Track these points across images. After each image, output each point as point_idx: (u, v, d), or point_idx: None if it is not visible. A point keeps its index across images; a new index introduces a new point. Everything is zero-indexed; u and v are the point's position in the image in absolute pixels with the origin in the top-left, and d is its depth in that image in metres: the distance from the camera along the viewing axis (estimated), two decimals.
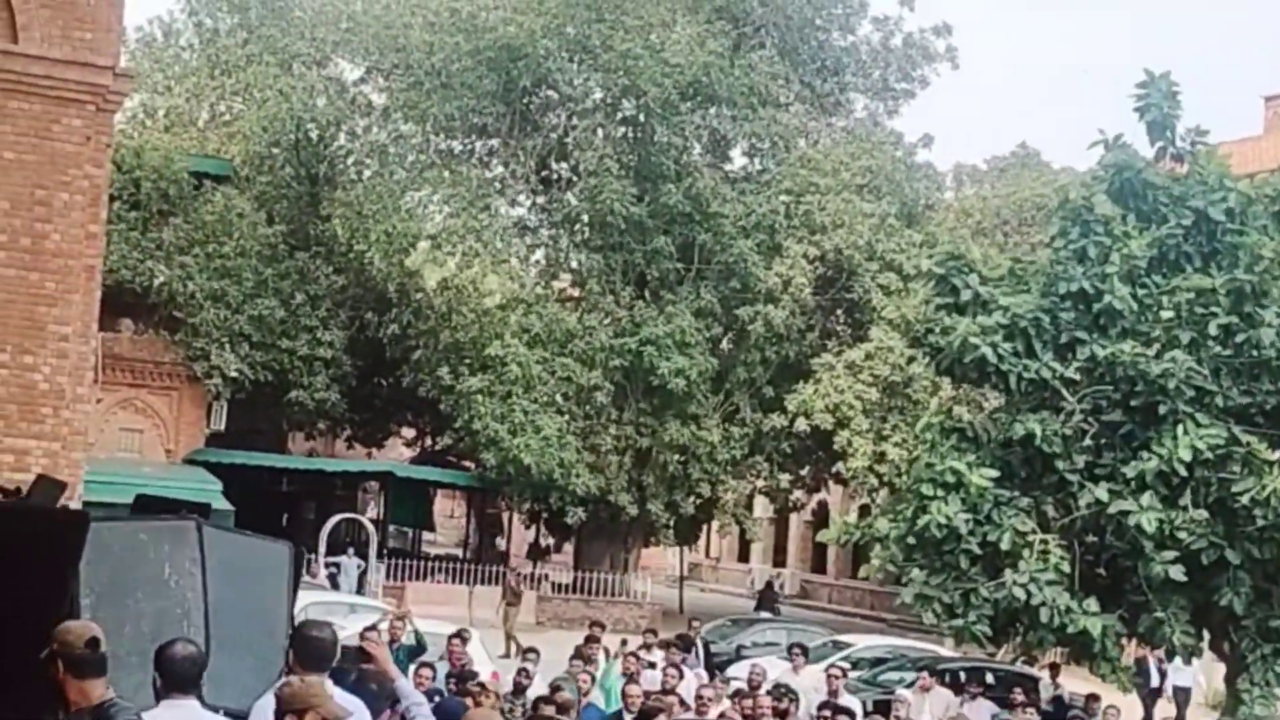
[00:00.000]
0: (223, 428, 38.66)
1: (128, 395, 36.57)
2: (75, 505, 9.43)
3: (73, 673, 5.46)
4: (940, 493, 19.31)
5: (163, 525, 7.52)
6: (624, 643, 18.42)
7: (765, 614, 40.17)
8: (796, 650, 19.93)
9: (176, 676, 5.78)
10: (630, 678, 14.74)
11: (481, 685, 12.06)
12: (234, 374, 36.39)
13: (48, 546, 6.78)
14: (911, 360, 33.14)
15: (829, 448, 37.49)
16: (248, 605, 7.47)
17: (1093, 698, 19.86)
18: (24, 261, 16.70)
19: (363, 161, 40.45)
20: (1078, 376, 19.76)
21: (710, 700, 13.91)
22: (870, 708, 17.94)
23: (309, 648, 6.67)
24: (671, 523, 39.05)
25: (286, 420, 41.57)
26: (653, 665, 16.02)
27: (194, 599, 7.30)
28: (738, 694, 14.88)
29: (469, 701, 10.74)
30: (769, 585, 44.90)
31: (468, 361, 36.93)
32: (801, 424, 36.41)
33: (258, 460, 39.96)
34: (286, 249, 38.75)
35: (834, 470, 39.46)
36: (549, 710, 11.13)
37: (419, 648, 15.26)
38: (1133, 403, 19.31)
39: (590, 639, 17.93)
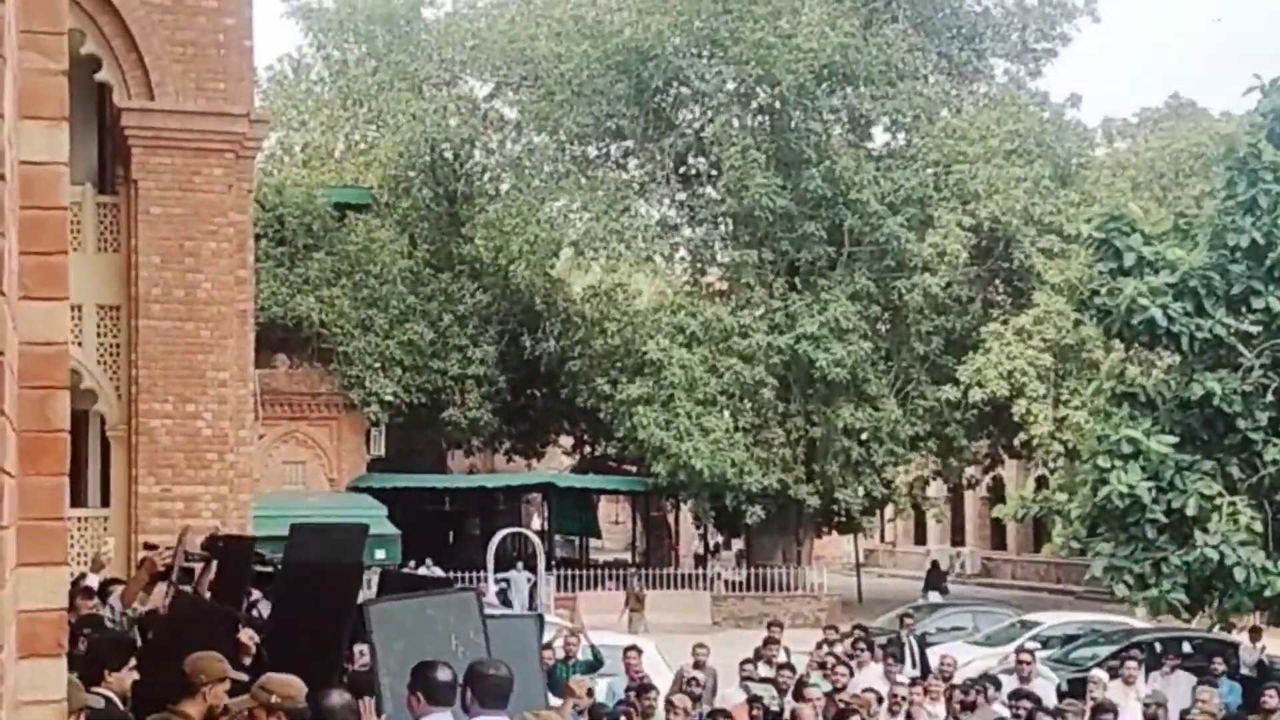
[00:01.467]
0: (383, 453, 39.11)
1: (288, 429, 37.17)
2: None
3: None
4: (1118, 463, 18.70)
5: (448, 598, 8.03)
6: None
7: (934, 594, 39.99)
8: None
9: (489, 693, 6.30)
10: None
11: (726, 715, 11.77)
12: (389, 399, 36.78)
13: (331, 595, 7.49)
14: (1078, 324, 32.26)
15: (1006, 418, 36.83)
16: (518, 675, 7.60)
17: None
18: (179, 313, 16.95)
19: (499, 176, 40.68)
20: (1254, 330, 19.01)
21: (918, 700, 13.44)
22: (1065, 688, 17.33)
23: (486, 685, 6.56)
24: (859, 509, 38.52)
25: (444, 440, 41.95)
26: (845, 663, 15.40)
27: None
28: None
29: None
30: (935, 565, 44.41)
31: (621, 366, 36.85)
32: (976, 394, 35.69)
33: (419, 482, 40.36)
34: (431, 271, 39.08)
35: (1012, 443, 38.64)
36: None
37: (596, 662, 15.01)
38: None
39: (769, 640, 17.49)
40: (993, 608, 31.27)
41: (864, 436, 36.79)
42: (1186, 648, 21.56)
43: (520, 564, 34.78)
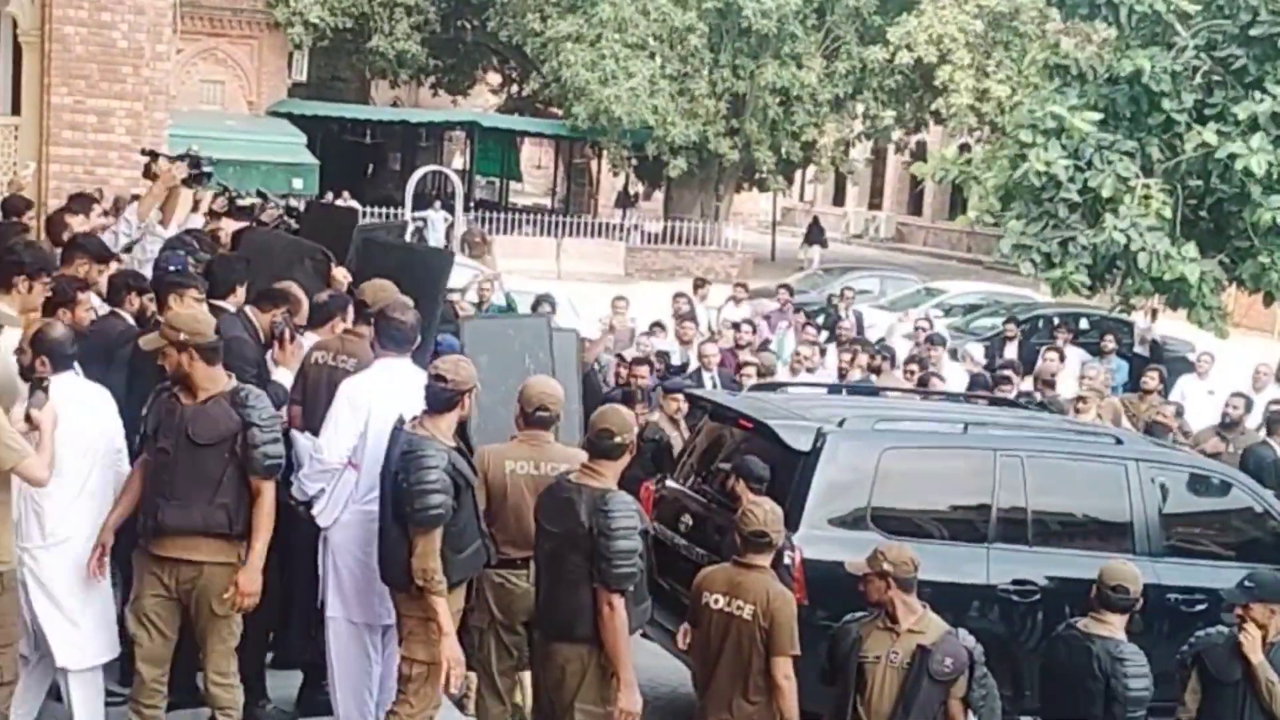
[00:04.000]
0: (304, 78, 38.31)
1: (207, 45, 36.17)
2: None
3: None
4: (1040, 139, 18.70)
5: (524, 322, 9.19)
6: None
7: (814, 248, 41.60)
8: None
9: (390, 337, 6.71)
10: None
11: None
12: (314, 20, 35.66)
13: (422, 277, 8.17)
14: None
15: (930, 83, 36.53)
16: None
17: None
18: None
19: None
20: (1192, 10, 18.77)
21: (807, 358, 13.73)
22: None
23: (389, 329, 6.74)
24: (775, 167, 38.42)
25: (369, 69, 41.03)
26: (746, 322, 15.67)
27: None
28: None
29: None
30: (815, 220, 45.54)
31: (555, 3, 35.89)
32: (904, 57, 35.28)
33: (340, 111, 39.70)
34: None
35: (934, 109, 38.48)
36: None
37: (509, 309, 15.16)
38: (1252, 32, 18.34)
39: (678, 294, 17.63)
40: (900, 273, 31.86)
41: (788, 94, 36.39)
42: (1083, 324, 22.22)
43: (439, 203, 34.61)
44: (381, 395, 6.50)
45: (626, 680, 5.86)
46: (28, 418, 5.72)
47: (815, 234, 42.99)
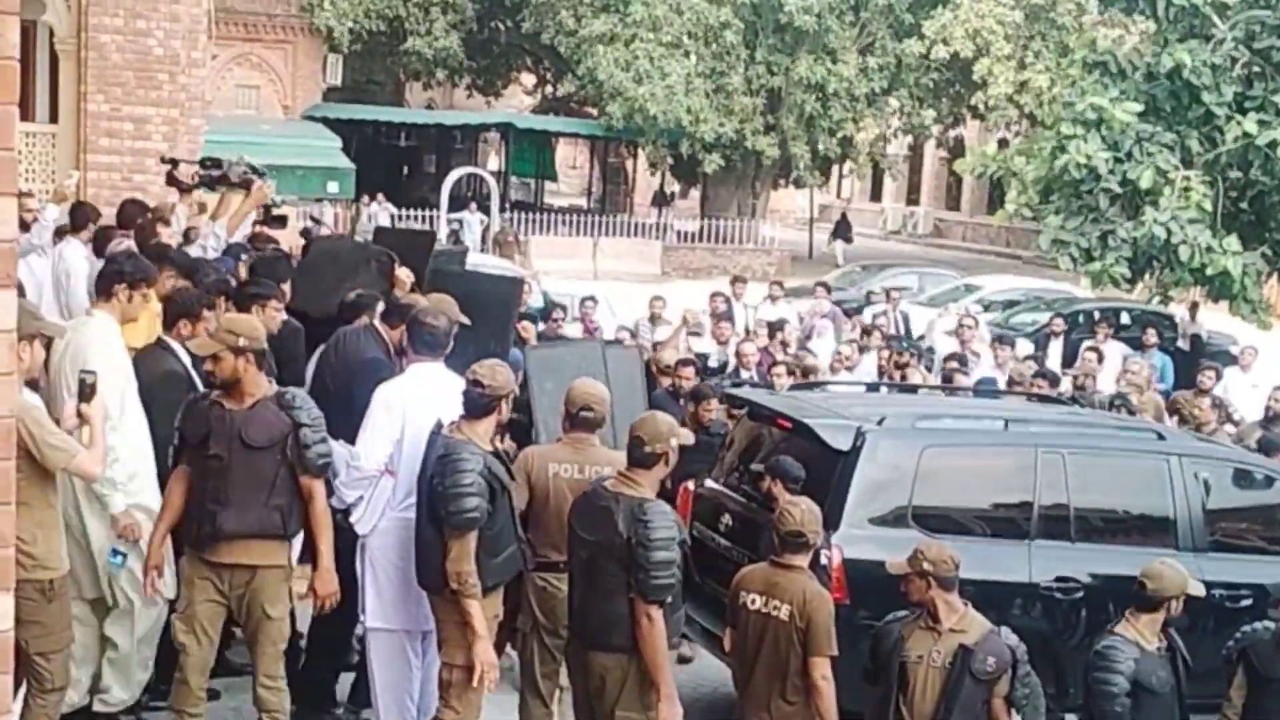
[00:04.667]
0: (339, 82, 38.40)
1: (242, 51, 36.32)
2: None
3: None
4: (1081, 131, 18.62)
5: (580, 349, 9.52)
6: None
7: (840, 242, 42.17)
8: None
9: (423, 341, 6.78)
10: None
11: None
12: (350, 24, 35.78)
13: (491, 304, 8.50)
14: None
15: (968, 78, 36.34)
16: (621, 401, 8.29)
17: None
18: None
19: None
20: (1230, 1, 18.64)
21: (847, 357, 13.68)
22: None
23: (422, 334, 6.78)
24: (812, 163, 38.30)
25: (403, 71, 41.15)
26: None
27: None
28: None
29: None
30: (844, 216, 45.75)
31: (589, 2, 35.88)
32: (940, 52, 35.11)
33: (375, 114, 39.80)
34: None
35: (972, 103, 38.30)
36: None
37: (547, 309, 15.13)
38: None
39: (715, 293, 17.56)
40: (938, 269, 31.71)
41: (824, 90, 36.27)
42: (1125, 318, 22.07)
43: (474, 205, 34.71)
44: (416, 400, 6.50)
45: (666, 693, 5.84)
46: (79, 413, 5.76)
47: (842, 229, 42.93)
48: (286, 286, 8.03)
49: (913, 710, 6.17)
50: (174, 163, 10.86)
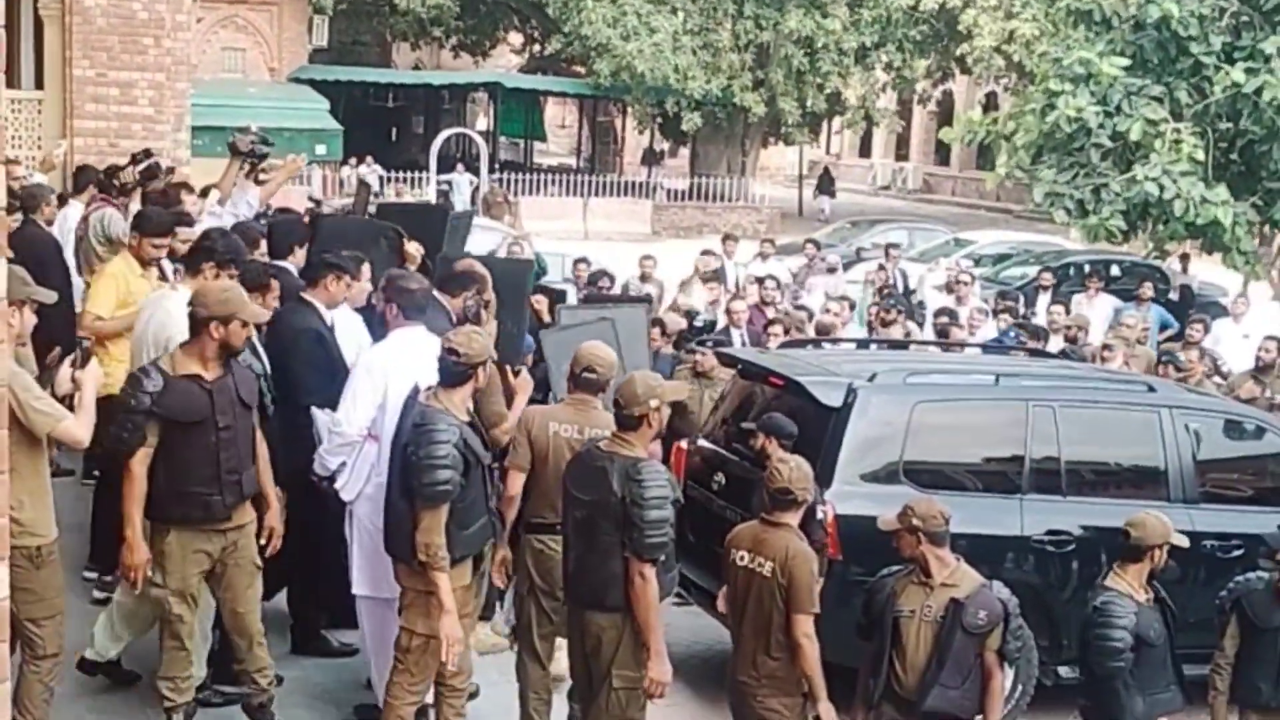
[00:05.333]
0: (325, 43, 38.19)
1: (227, 13, 36.03)
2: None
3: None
4: (1069, 86, 18.54)
5: (590, 327, 8.97)
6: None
7: (824, 198, 42.65)
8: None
9: (409, 305, 6.85)
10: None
11: None
12: None
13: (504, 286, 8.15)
14: None
15: (954, 29, 36.22)
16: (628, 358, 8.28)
17: None
18: None
19: None
20: None
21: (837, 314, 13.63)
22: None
23: (405, 298, 6.80)
24: (801, 120, 38.17)
25: (390, 31, 40.87)
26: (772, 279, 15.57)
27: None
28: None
29: None
30: (826, 171, 46.01)
31: None
32: (928, 3, 34.92)
33: (362, 75, 39.59)
34: None
35: (959, 54, 38.19)
36: None
37: (539, 271, 15.08)
38: None
39: (706, 251, 17.48)
40: (928, 224, 31.68)
41: (812, 44, 36.10)
42: (1115, 270, 22.08)
43: (463, 165, 34.57)
44: (398, 365, 6.50)
45: (657, 650, 5.86)
46: (73, 379, 5.78)
47: (825, 185, 42.94)
48: (301, 251, 8.06)
49: (905, 664, 6.20)
50: (115, 169, 10.87)
